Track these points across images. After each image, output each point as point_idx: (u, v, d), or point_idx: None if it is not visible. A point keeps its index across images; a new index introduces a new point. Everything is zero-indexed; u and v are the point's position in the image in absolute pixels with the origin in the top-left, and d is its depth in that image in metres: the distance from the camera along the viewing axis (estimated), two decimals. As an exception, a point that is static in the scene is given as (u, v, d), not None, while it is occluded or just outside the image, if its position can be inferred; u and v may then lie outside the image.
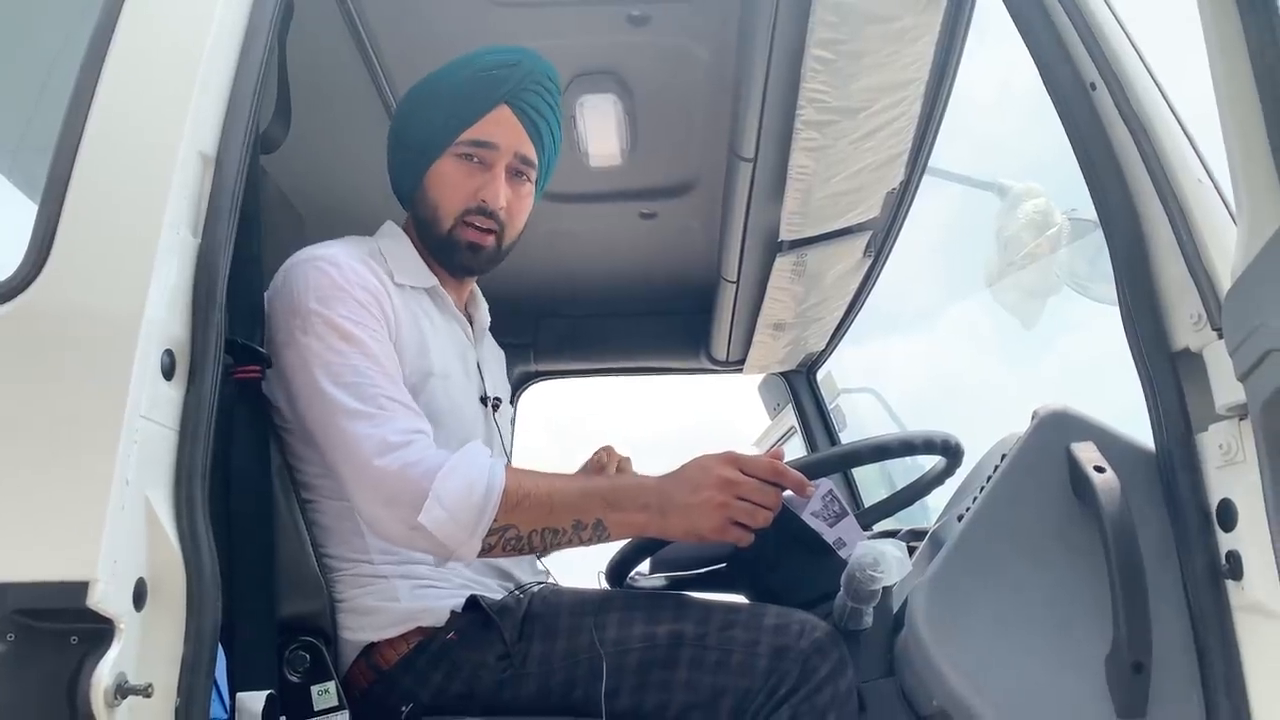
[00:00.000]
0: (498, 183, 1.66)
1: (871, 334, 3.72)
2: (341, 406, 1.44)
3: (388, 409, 1.45)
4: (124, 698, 1.10)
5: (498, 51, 1.71)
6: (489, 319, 1.90)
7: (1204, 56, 1.14)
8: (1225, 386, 1.23)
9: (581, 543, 1.47)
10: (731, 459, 1.46)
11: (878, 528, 2.30)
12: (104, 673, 1.08)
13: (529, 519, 1.44)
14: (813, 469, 1.62)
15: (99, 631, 1.10)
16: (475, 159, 1.67)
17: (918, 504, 2.12)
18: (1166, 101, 1.35)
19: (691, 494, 1.44)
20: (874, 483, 3.29)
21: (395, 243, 1.73)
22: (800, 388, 3.50)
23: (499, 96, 1.66)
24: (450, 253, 1.70)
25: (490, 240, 1.69)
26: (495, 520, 1.41)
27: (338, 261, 1.56)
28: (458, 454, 1.43)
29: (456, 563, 1.59)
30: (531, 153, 1.71)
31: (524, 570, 1.72)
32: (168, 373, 1.22)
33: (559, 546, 1.47)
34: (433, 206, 1.68)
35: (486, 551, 1.43)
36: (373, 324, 1.53)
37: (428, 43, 2.11)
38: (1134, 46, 1.38)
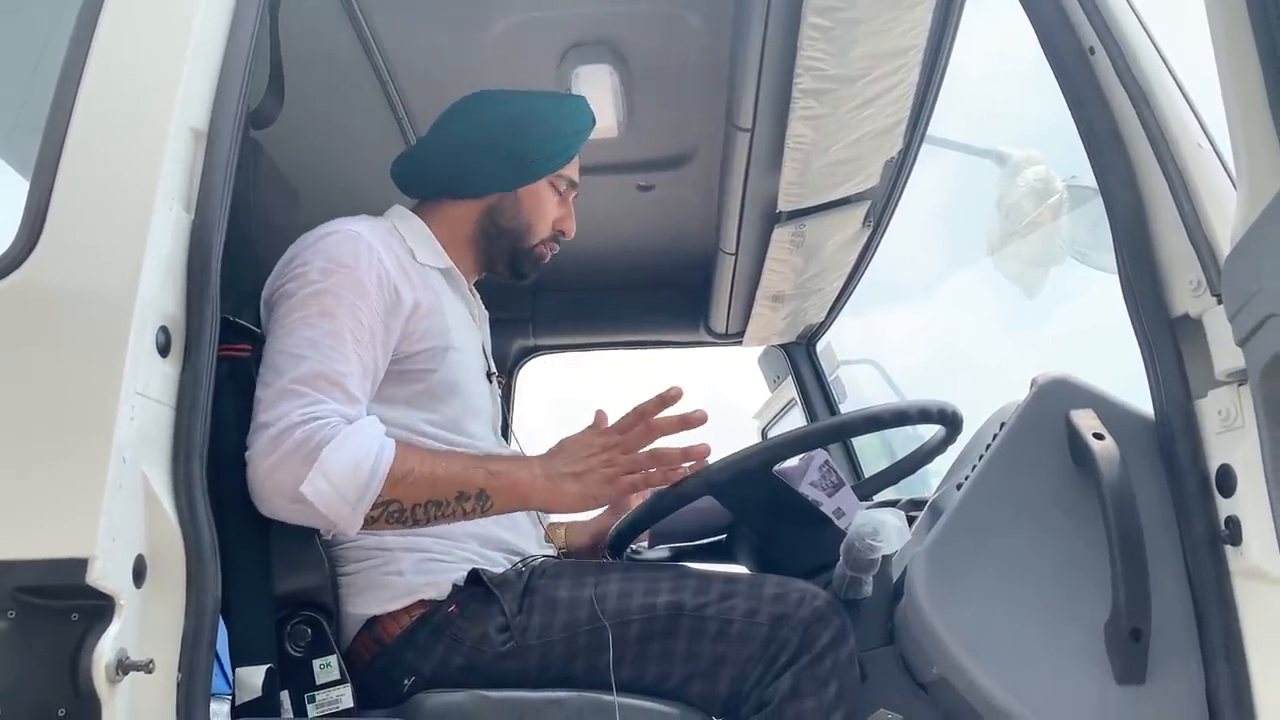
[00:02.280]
0: (572, 219, 1.89)
1: (871, 305, 3.71)
2: (278, 379, 1.44)
3: (321, 390, 1.44)
4: (125, 673, 1.10)
5: (583, 102, 1.91)
6: (486, 312, 1.96)
7: (1204, 19, 1.13)
8: (1225, 352, 1.23)
9: (465, 515, 1.49)
10: (602, 427, 1.55)
11: (878, 497, 2.30)
12: (105, 649, 1.09)
13: (413, 493, 1.45)
14: (804, 442, 1.62)
15: (99, 608, 1.11)
16: (560, 191, 1.86)
17: (920, 473, 2.12)
18: (1166, 65, 1.34)
19: (578, 463, 1.51)
20: (876, 453, 3.29)
21: (409, 224, 1.78)
22: (800, 360, 3.50)
23: (581, 144, 1.88)
24: (518, 261, 1.86)
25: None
26: (380, 495, 1.42)
27: (358, 240, 1.57)
28: (346, 430, 1.42)
29: (464, 536, 1.60)
30: None
31: (529, 544, 1.73)
32: (163, 349, 1.22)
33: (443, 519, 1.49)
34: (526, 220, 1.83)
35: (369, 525, 1.44)
36: (364, 305, 1.52)
37: (422, 16, 2.09)
38: (1133, 10, 1.37)
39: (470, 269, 1.85)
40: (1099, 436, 1.32)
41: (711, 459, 1.59)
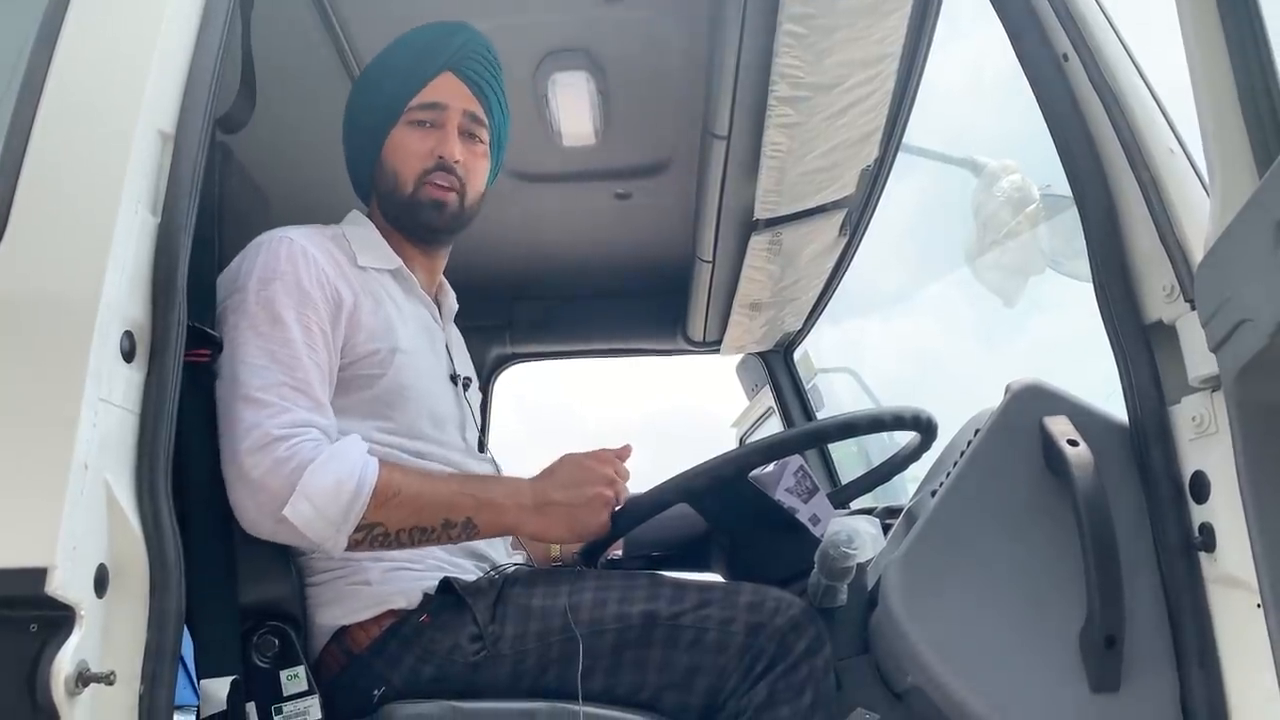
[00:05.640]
0: (451, 138, 1.71)
1: (848, 313, 3.72)
2: (240, 389, 1.43)
3: (287, 399, 1.44)
4: (86, 686, 1.08)
5: (435, 26, 1.79)
6: (456, 306, 1.92)
7: (1177, 26, 1.14)
8: (1198, 358, 1.23)
9: (452, 540, 1.51)
10: (606, 457, 1.54)
11: (855, 504, 2.29)
12: (65, 661, 1.06)
13: (397, 518, 1.45)
14: (779, 448, 1.62)
15: (59, 619, 1.08)
16: (427, 123, 1.71)
17: (898, 480, 2.12)
18: (1139, 72, 1.35)
19: (574, 493, 1.51)
20: (853, 460, 3.30)
21: (359, 228, 1.76)
22: (777, 368, 3.49)
23: (442, 64, 1.72)
24: (415, 213, 1.72)
25: (453, 197, 1.72)
26: (363, 518, 1.43)
27: (292, 245, 1.56)
28: (330, 450, 1.43)
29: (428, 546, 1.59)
30: (480, 112, 1.75)
31: (498, 551, 1.71)
32: (128, 355, 1.20)
33: (428, 544, 1.50)
34: (393, 174, 1.72)
35: (353, 547, 1.45)
36: (310, 310, 1.52)
37: (396, 22, 2.07)
38: (1107, 17, 1.37)
39: (420, 260, 1.79)
40: (1073, 443, 1.31)
41: (688, 467, 1.58)
